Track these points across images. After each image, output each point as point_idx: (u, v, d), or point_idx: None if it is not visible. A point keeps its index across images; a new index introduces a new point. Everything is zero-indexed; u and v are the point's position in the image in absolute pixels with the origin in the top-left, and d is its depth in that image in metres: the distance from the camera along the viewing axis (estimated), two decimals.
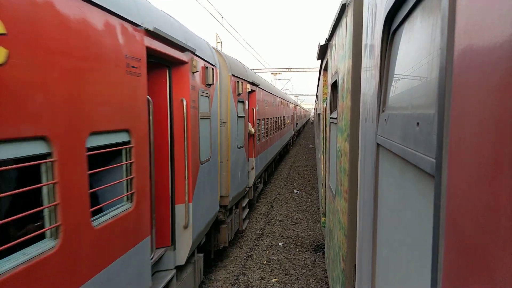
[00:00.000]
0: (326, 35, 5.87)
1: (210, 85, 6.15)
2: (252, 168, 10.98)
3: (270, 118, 15.58)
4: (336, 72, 4.63)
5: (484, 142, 0.67)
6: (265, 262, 8.47)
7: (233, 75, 8.22)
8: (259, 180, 13.36)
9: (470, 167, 0.73)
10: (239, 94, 8.67)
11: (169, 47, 4.49)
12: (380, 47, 1.84)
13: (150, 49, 3.95)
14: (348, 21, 3.62)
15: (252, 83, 10.40)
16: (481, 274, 0.66)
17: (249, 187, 10.72)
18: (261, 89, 12.41)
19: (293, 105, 31.48)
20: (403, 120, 1.37)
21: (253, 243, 9.61)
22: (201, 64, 5.76)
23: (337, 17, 4.35)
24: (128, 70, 3.50)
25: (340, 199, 4.15)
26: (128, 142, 3.55)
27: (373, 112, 2.03)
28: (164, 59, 4.69)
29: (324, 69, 7.41)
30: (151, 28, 3.89)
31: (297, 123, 37.77)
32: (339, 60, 4.32)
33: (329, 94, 6.03)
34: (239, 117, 8.81)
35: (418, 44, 1.32)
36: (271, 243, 9.67)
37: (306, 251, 9.16)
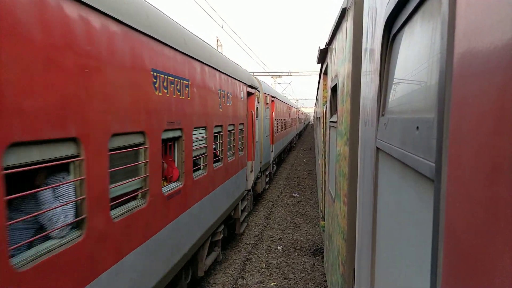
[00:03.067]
0: (326, 39, 5.88)
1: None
2: (272, 151, 17.39)
3: (285, 119, 24.92)
4: (336, 76, 4.64)
5: (484, 146, 0.67)
6: (264, 266, 8.44)
7: (264, 92, 14.04)
8: (275, 161, 19.84)
9: (469, 172, 0.73)
10: (266, 103, 14.74)
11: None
12: (380, 51, 1.84)
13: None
14: (348, 25, 3.63)
15: (270, 95, 15.80)
16: (480, 279, 0.66)
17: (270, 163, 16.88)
18: (274, 98, 17.68)
19: (296, 110, 38.24)
20: (402, 124, 1.37)
21: (252, 247, 9.58)
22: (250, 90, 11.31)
23: (337, 21, 4.36)
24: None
25: (339, 203, 4.14)
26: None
27: (372, 116, 2.03)
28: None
29: (324, 73, 7.42)
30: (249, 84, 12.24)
31: (299, 125, 49.84)
32: (339, 64, 4.33)
33: (329, 98, 6.04)
34: (266, 118, 15.02)
35: (418, 48, 1.33)
36: (270, 246, 9.64)
37: (305, 255, 9.14)
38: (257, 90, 12.16)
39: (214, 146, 7.29)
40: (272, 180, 18.73)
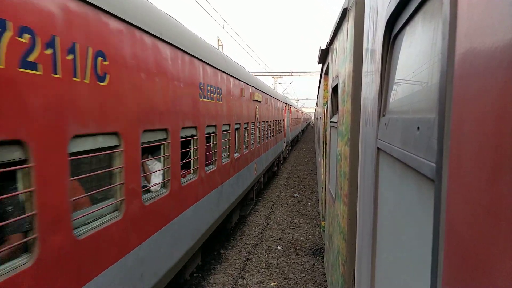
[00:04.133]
0: (327, 39, 5.88)
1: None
2: (290, 136, 26.97)
3: (294, 118, 37.09)
4: (337, 76, 4.64)
5: (485, 147, 0.67)
6: (264, 265, 8.44)
7: (288, 103, 26.32)
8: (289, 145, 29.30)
9: (470, 172, 0.73)
10: (288, 109, 25.98)
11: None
12: (381, 51, 1.84)
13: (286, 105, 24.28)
14: (349, 26, 3.63)
15: (289, 105, 26.86)
16: (481, 279, 0.66)
17: (288, 142, 26.10)
18: (291, 106, 29.17)
19: (300, 111, 54.51)
20: (403, 124, 1.37)
21: (252, 247, 9.58)
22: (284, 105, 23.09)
23: (338, 22, 4.36)
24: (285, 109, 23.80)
25: (340, 203, 4.14)
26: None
27: (373, 116, 2.03)
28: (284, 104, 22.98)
29: (325, 73, 7.42)
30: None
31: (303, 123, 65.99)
32: (340, 64, 4.33)
33: (329, 98, 6.04)
34: (287, 117, 24.24)
35: (419, 49, 1.33)
36: (271, 246, 9.64)
37: (306, 255, 9.14)
38: (287, 103, 25.51)
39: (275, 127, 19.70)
40: (272, 180, 19.04)
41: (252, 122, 11.30)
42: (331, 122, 5.70)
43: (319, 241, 10.00)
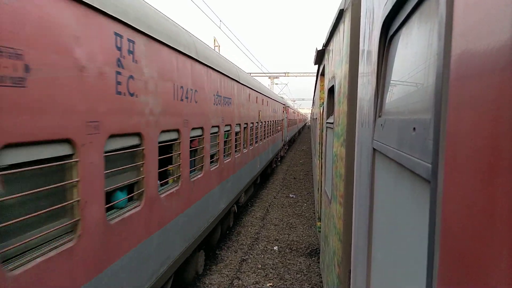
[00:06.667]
0: (324, 40, 5.89)
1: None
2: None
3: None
4: (333, 77, 4.65)
5: (480, 147, 0.67)
6: (260, 266, 8.44)
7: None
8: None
9: (466, 172, 0.73)
10: (297, 114, 59.97)
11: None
12: (377, 52, 1.84)
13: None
14: (345, 27, 3.63)
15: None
16: (476, 280, 0.66)
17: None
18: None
19: (297, 113, 61.98)
20: (399, 125, 1.37)
21: (248, 247, 9.58)
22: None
23: (334, 23, 4.37)
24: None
25: (335, 204, 4.15)
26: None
27: (369, 117, 2.04)
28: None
29: (321, 74, 7.44)
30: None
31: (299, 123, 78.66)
32: (336, 65, 4.34)
33: (326, 99, 6.05)
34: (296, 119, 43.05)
35: (415, 50, 1.33)
36: (266, 247, 9.64)
37: (301, 255, 9.14)
38: (298, 112, 55.28)
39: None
40: (269, 180, 18.98)
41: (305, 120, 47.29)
42: (327, 123, 5.70)
43: (314, 242, 10.01)
